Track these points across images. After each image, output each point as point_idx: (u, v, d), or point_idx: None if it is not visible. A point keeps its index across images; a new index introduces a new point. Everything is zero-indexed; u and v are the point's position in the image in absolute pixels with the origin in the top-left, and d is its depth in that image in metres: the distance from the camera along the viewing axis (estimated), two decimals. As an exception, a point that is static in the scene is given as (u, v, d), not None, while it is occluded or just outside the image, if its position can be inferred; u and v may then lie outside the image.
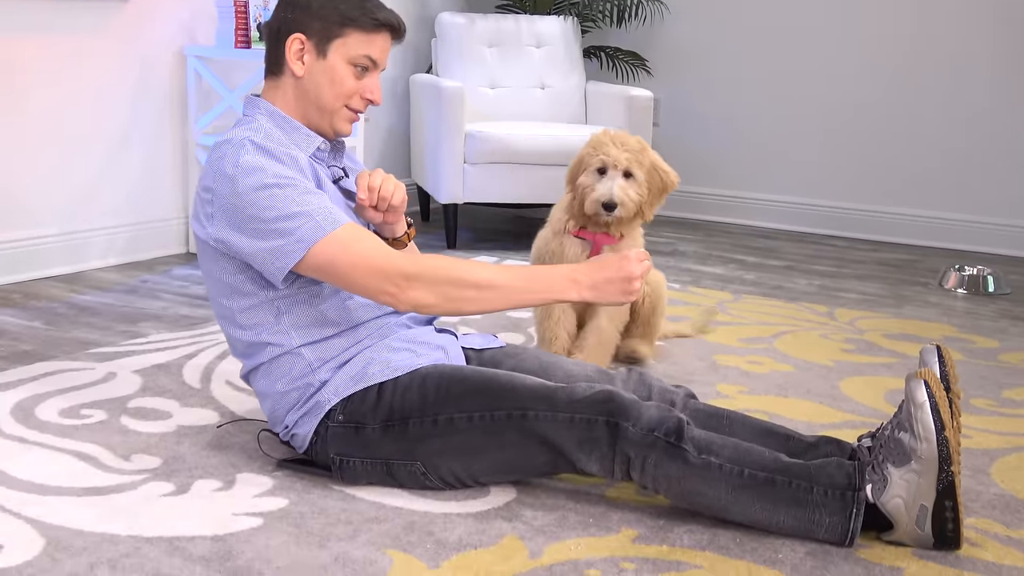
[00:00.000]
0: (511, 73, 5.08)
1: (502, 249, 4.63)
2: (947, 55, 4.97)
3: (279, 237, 1.98)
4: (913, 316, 3.75)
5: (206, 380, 2.76)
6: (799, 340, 3.36)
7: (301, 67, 2.11)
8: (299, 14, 2.10)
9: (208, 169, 2.07)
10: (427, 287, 1.97)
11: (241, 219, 2.00)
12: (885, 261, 4.72)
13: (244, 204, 1.99)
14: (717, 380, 2.95)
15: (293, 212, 1.98)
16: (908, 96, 5.09)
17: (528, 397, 2.04)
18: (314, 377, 2.11)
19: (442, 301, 1.97)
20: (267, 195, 1.98)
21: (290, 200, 1.99)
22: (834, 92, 5.23)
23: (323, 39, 2.10)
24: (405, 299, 1.97)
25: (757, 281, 4.22)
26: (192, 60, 4.16)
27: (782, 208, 5.41)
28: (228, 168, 2.01)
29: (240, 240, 2.01)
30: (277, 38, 2.13)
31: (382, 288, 1.98)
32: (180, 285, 3.78)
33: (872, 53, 5.13)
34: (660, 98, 5.50)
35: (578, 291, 1.99)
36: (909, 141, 5.11)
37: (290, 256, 1.99)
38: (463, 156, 4.53)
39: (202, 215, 2.07)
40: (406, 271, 1.97)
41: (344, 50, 2.11)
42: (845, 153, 5.25)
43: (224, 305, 2.13)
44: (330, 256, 1.98)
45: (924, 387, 1.92)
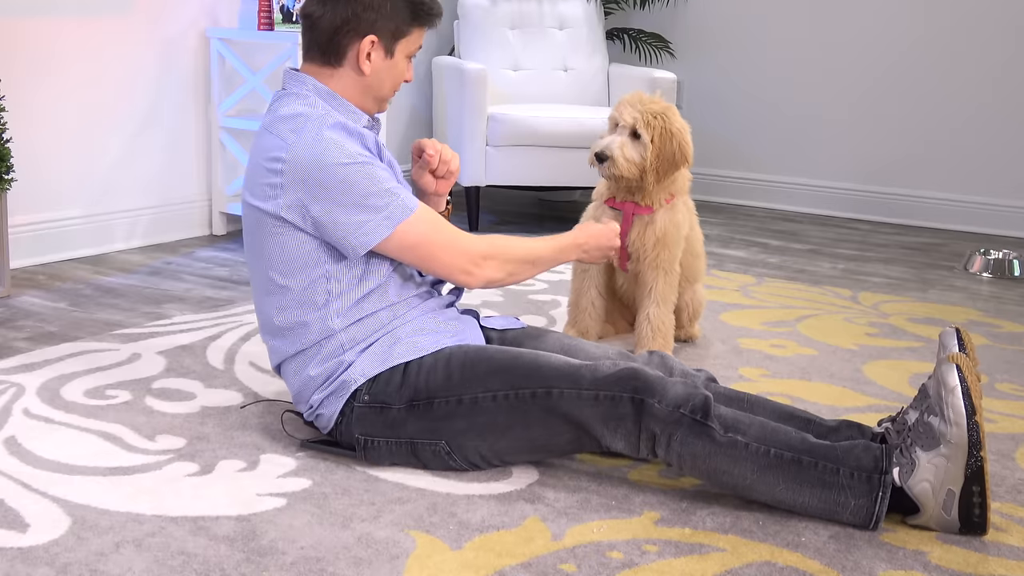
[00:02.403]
0: (534, 55, 5.05)
1: (525, 232, 4.61)
2: (973, 34, 4.92)
3: (367, 212, 2.03)
4: (938, 300, 3.71)
5: (230, 361, 2.76)
6: (823, 324, 3.34)
7: (369, 66, 2.13)
8: (371, 15, 2.10)
9: (275, 141, 2.07)
10: (498, 265, 2.14)
11: (326, 191, 2.02)
12: (909, 245, 4.68)
13: (329, 178, 2.02)
14: (740, 363, 2.93)
15: (381, 189, 2.05)
16: (934, 78, 5.03)
17: (553, 375, 2.04)
18: (343, 358, 2.11)
19: (506, 276, 2.17)
20: (354, 171, 2.03)
21: (376, 178, 2.04)
22: (859, 75, 5.18)
23: (393, 40, 2.14)
24: (481, 276, 2.13)
25: (780, 264, 4.19)
26: (215, 42, 4.16)
27: (806, 191, 5.37)
28: (307, 140, 2.03)
29: (323, 211, 2.04)
30: (339, 33, 2.10)
31: (464, 268, 2.11)
32: (204, 267, 3.79)
33: (898, 36, 5.08)
34: (683, 80, 5.46)
35: (578, 253, 2.30)
36: (935, 123, 5.06)
37: (377, 232, 2.05)
38: (486, 139, 4.51)
39: (267, 187, 2.07)
40: (485, 252, 2.13)
41: (406, 47, 2.17)
42: (870, 136, 5.21)
43: (277, 283, 2.12)
44: (418, 236, 2.07)
45: (956, 371, 1.90)
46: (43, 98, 3.71)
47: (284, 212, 2.06)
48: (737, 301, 3.56)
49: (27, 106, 3.66)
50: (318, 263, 2.08)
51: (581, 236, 2.30)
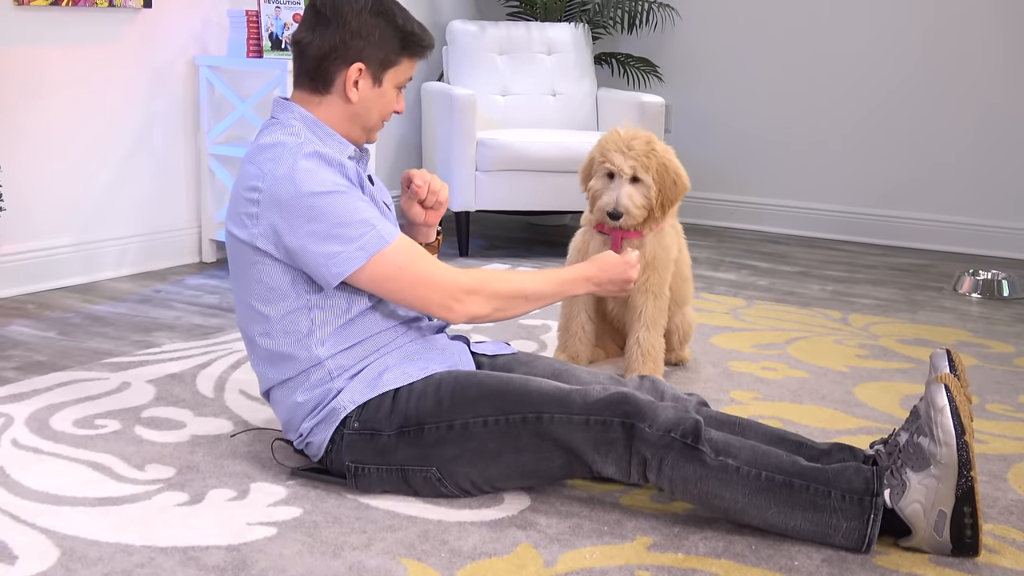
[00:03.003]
0: (522, 80, 5.07)
1: (514, 257, 4.62)
2: (960, 58, 4.95)
3: (340, 243, 2.01)
4: (927, 321, 3.72)
5: (220, 390, 2.75)
6: (813, 346, 3.35)
7: (356, 94, 2.12)
8: (359, 42, 2.09)
9: (254, 170, 2.07)
10: (484, 300, 2.10)
11: (299, 221, 2.01)
12: (898, 266, 4.70)
13: (303, 207, 2.01)
14: (731, 387, 2.93)
15: (355, 220, 2.02)
16: (920, 99, 5.06)
17: (543, 400, 2.04)
18: (331, 385, 2.11)
19: (494, 312, 2.12)
20: (328, 200, 2.01)
21: (351, 207, 2.02)
22: (846, 97, 5.21)
23: (381, 68, 2.13)
24: (462, 311, 2.09)
25: (770, 287, 4.20)
26: (204, 70, 4.17)
27: (794, 213, 5.39)
28: (283, 170, 2.03)
29: (295, 241, 2.02)
30: (327, 60, 2.10)
31: (443, 303, 2.07)
32: (193, 295, 3.78)
33: (883, 57, 5.11)
34: (672, 104, 5.49)
35: (587, 287, 2.24)
36: (921, 145, 5.09)
37: (350, 263, 2.02)
38: (475, 164, 4.53)
39: (244, 216, 2.07)
40: (467, 286, 2.08)
41: (395, 76, 2.16)
42: (857, 158, 5.23)
43: (258, 311, 2.12)
44: (393, 269, 2.03)
45: (944, 391, 1.91)
46: (32, 126, 3.72)
47: (259, 242, 2.06)
48: (727, 324, 3.56)
49: (15, 134, 3.67)
50: (298, 293, 2.08)
51: (592, 269, 2.25)
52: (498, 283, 2.12)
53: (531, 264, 4.45)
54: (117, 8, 3.88)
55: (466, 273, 2.11)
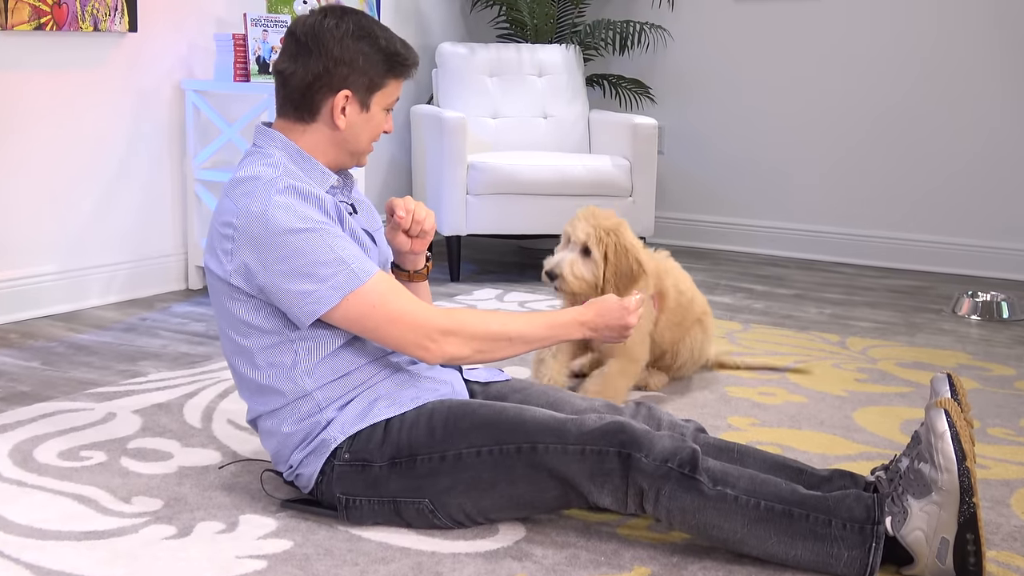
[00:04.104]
0: (513, 103, 5.09)
1: (506, 281, 4.63)
2: (959, 76, 4.99)
3: (312, 282, 1.99)
4: (926, 344, 3.73)
5: (207, 419, 2.75)
6: (811, 370, 3.35)
7: (344, 120, 2.11)
8: (343, 69, 2.09)
9: (229, 204, 2.06)
10: (462, 341, 2.07)
11: (272, 259, 2.00)
12: (896, 288, 4.71)
13: (276, 244, 1.99)
14: (729, 412, 2.93)
15: (328, 258, 2.00)
16: (916, 120, 5.09)
17: (537, 430, 2.03)
18: (321, 416, 2.10)
19: (474, 353, 2.09)
20: (302, 238, 1.99)
21: (325, 245, 2.00)
22: (841, 117, 5.24)
23: (368, 93, 2.12)
24: (439, 353, 2.06)
25: (766, 310, 4.21)
26: (190, 94, 4.18)
27: (790, 235, 5.41)
28: (256, 206, 2.01)
29: (268, 279, 2.01)
30: (312, 89, 2.10)
31: (418, 343, 2.05)
32: (179, 323, 3.78)
33: (879, 77, 5.15)
34: (664, 125, 5.52)
35: (583, 332, 2.19)
36: (918, 166, 5.12)
37: (323, 303, 2.00)
38: (466, 187, 4.54)
39: (220, 251, 2.07)
40: (443, 327, 2.05)
41: (383, 99, 2.15)
42: (853, 179, 5.26)
43: (239, 344, 2.12)
44: (367, 308, 2.02)
45: (944, 416, 1.91)
46: (14, 152, 3.72)
47: (233, 278, 2.05)
48: (724, 348, 3.56)
49: (-2, 162, 3.67)
50: (277, 329, 2.07)
51: (587, 314, 2.20)
52: (479, 324, 2.09)
53: (522, 290, 4.45)
54: (102, 32, 3.89)
55: (445, 313, 2.08)
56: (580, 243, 2.84)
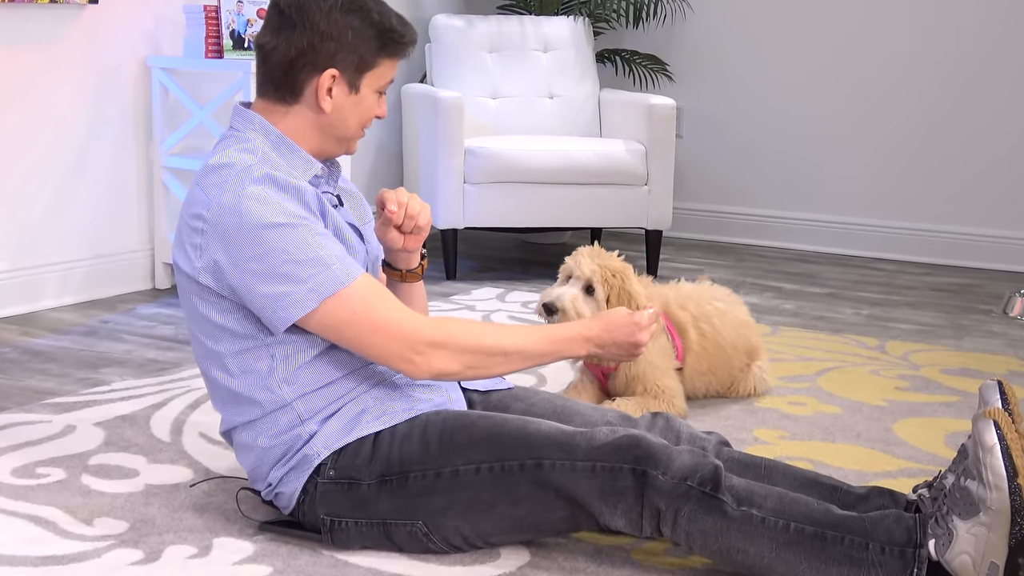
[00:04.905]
0: (515, 81, 5.10)
1: (507, 279, 4.63)
2: (1004, 54, 4.99)
3: (288, 283, 1.98)
4: (974, 348, 3.74)
5: (177, 432, 2.75)
6: (846, 377, 3.36)
7: (330, 103, 2.11)
8: (330, 45, 2.08)
9: (199, 194, 2.06)
10: (452, 355, 2.06)
11: (244, 256, 1.99)
12: (940, 286, 4.71)
13: (249, 240, 1.99)
14: (755, 424, 2.94)
15: (307, 257, 1.99)
16: (962, 101, 5.10)
17: (543, 444, 2.04)
18: (302, 429, 2.11)
19: (464, 369, 2.08)
20: (277, 234, 1.99)
21: (303, 243, 1.99)
22: (880, 98, 5.24)
23: (357, 73, 2.12)
24: (426, 367, 2.05)
25: (797, 311, 4.22)
26: (157, 72, 4.19)
27: (822, 228, 5.41)
28: (228, 197, 2.01)
29: (239, 279, 2.01)
30: (295, 67, 2.10)
31: (403, 355, 2.03)
32: (146, 326, 3.79)
33: (921, 52, 5.15)
34: (683, 106, 5.52)
35: (588, 348, 2.19)
36: (962, 151, 5.12)
37: (300, 306, 2.00)
38: (463, 175, 4.54)
39: (188, 246, 2.07)
40: (431, 338, 2.04)
41: (374, 80, 2.14)
42: (893, 166, 5.26)
43: (210, 348, 2.13)
44: (347, 313, 2.00)
45: (994, 428, 1.92)
46: (-37, 138, 3.73)
47: (201, 276, 2.05)
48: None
49: (-55, 147, 3.68)
50: (250, 332, 2.07)
51: (594, 328, 2.19)
52: (471, 336, 2.08)
53: (527, 289, 4.46)
54: (59, 5, 3.90)
55: (435, 323, 2.08)
56: (584, 280, 2.85)
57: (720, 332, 3.06)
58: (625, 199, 4.65)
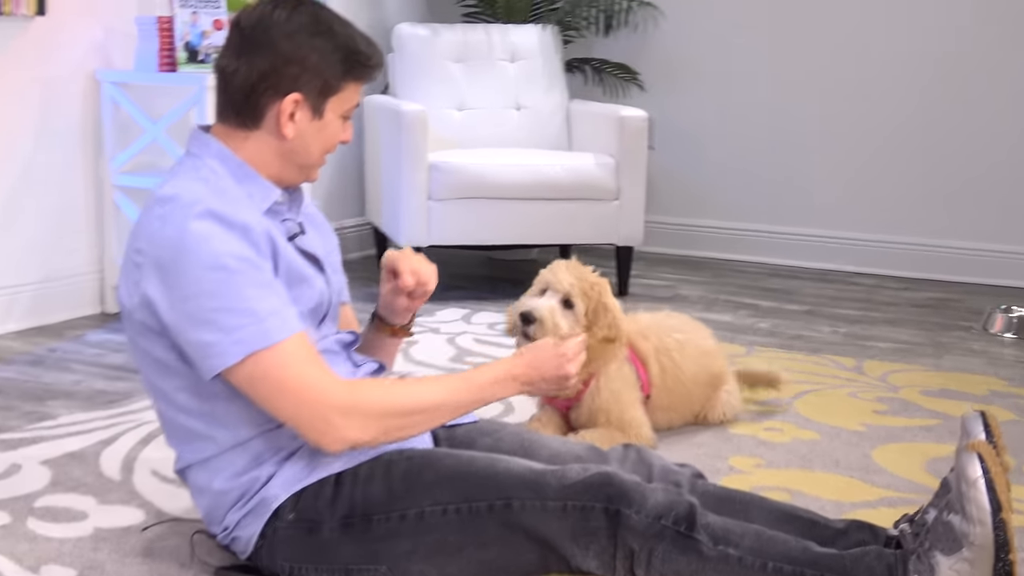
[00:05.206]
0: (482, 92, 5.10)
1: (475, 299, 4.62)
2: (983, 67, 5.03)
3: (217, 332, 1.95)
4: (955, 368, 3.76)
5: (128, 471, 2.73)
6: (824, 400, 3.37)
7: (292, 129, 2.09)
8: (293, 69, 2.06)
9: (143, 227, 2.04)
10: (366, 422, 1.99)
11: (177, 296, 1.97)
12: (919, 302, 4.74)
13: (184, 280, 1.96)
14: (730, 452, 2.94)
15: (240, 307, 1.95)
16: (941, 111, 5.13)
17: (512, 484, 2.03)
18: (260, 471, 2.08)
19: (382, 435, 2.02)
20: (215, 278, 1.95)
21: (239, 290, 1.95)
22: (857, 108, 5.27)
23: (321, 98, 2.09)
24: (337, 438, 1.98)
25: (773, 330, 4.23)
26: (108, 87, 4.16)
27: (799, 242, 5.44)
28: (170, 232, 1.98)
29: (171, 319, 1.99)
30: (256, 91, 2.08)
31: (312, 424, 1.97)
32: (95, 354, 3.75)
33: (899, 62, 5.18)
34: (654, 116, 5.52)
35: (516, 388, 2.15)
36: (942, 164, 5.15)
37: (224, 357, 1.95)
38: (427, 191, 4.53)
39: (129, 280, 2.05)
40: (343, 404, 1.97)
41: (338, 105, 2.12)
42: (870, 178, 5.29)
43: (158, 385, 2.10)
44: (264, 371, 1.95)
45: (978, 461, 1.92)
46: (-98, 158, 3.68)
47: (137, 312, 2.03)
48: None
49: None
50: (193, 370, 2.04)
51: (519, 366, 2.15)
52: (387, 399, 2.03)
53: (495, 308, 4.45)
54: (5, 16, 3.87)
55: (348, 389, 2.01)
56: (563, 293, 2.83)
57: (680, 367, 3.05)
58: (595, 214, 4.66)
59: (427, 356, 3.74)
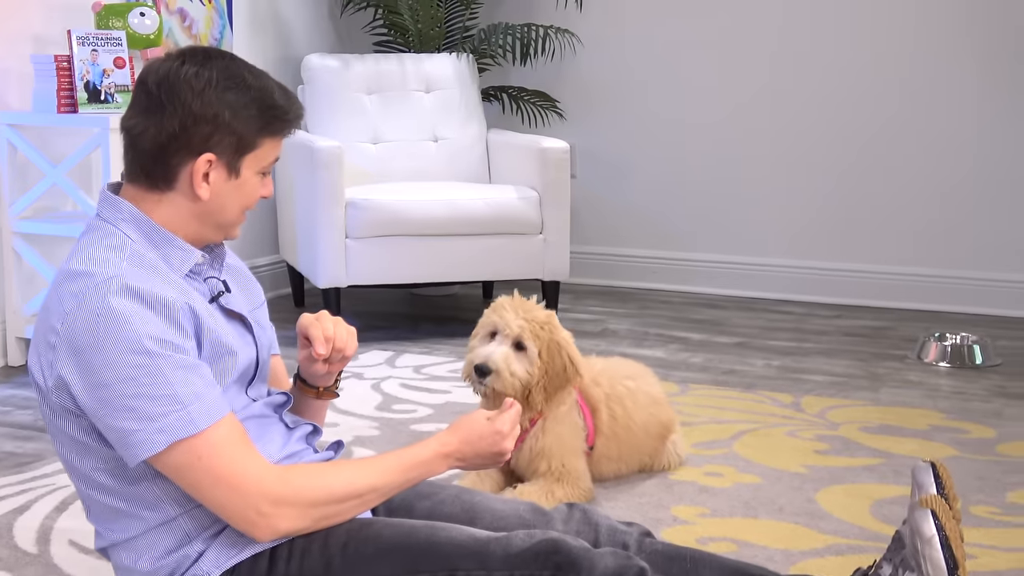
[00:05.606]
0: (397, 124, 5.09)
1: (396, 340, 4.60)
2: (919, 87, 5.13)
3: (138, 420, 1.90)
4: (892, 402, 3.81)
5: (44, 542, 2.66)
6: (762, 441, 3.40)
7: (207, 190, 2.04)
8: (205, 128, 2.01)
9: (55, 304, 1.98)
10: (300, 512, 1.97)
11: (96, 382, 1.92)
12: (852, 330, 4.81)
13: (102, 365, 1.91)
14: (672, 501, 2.95)
15: (161, 393, 1.90)
16: (867, 134, 5.22)
17: (456, 554, 2.00)
18: (189, 548, 2.04)
19: (315, 523, 1.99)
20: (135, 363, 1.90)
21: (161, 375, 1.91)
22: (781, 132, 5.35)
23: (237, 155, 2.04)
24: (268, 528, 1.95)
25: (705, 365, 4.26)
26: (4, 129, 4.07)
27: (727, 270, 5.49)
28: (85, 313, 1.93)
29: (89, 404, 1.94)
30: (166, 152, 2.03)
31: (243, 514, 1.94)
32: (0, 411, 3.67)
33: (825, 88, 5.27)
34: (575, 144, 5.56)
35: (448, 465, 2.14)
36: (870, 187, 5.24)
37: (147, 446, 1.91)
38: (344, 230, 4.50)
39: (42, 359, 2.00)
40: (276, 496, 1.94)
41: (255, 162, 2.07)
42: (796, 204, 5.36)
43: (76, 466, 2.05)
44: (192, 459, 1.91)
45: (931, 518, 1.95)
46: None
47: (53, 395, 1.98)
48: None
49: None
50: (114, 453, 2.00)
51: (452, 443, 2.13)
52: (321, 487, 2.01)
53: (417, 349, 4.43)
54: None
55: (281, 477, 1.98)
56: (513, 336, 2.83)
57: (631, 416, 3.06)
58: (519, 249, 4.66)
59: (352, 405, 3.71)
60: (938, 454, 3.28)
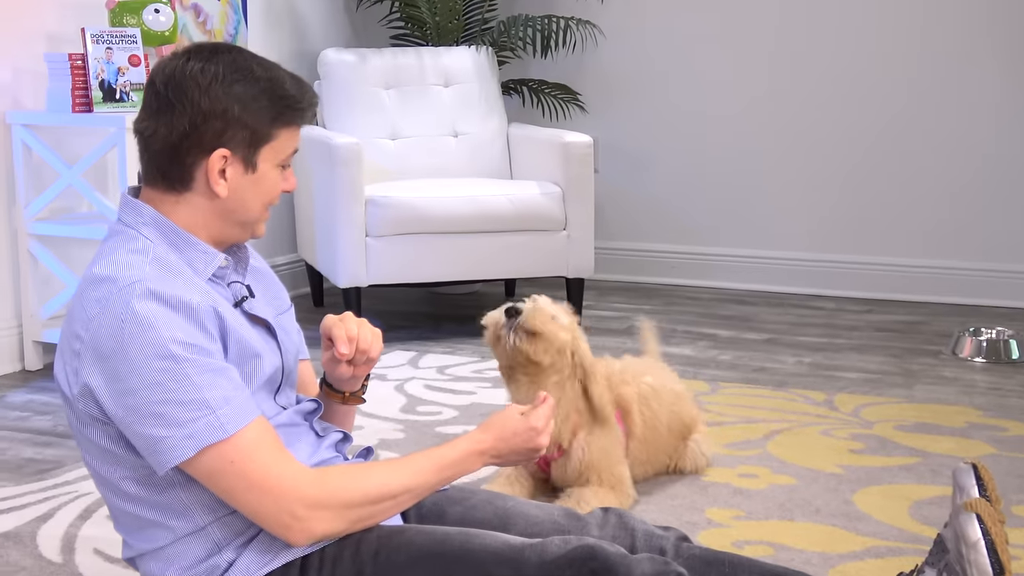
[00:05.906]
0: (416, 120, 5.10)
1: (419, 340, 4.61)
2: (947, 82, 5.11)
3: (165, 426, 1.91)
4: (927, 399, 3.81)
5: (69, 551, 2.68)
6: (796, 440, 3.40)
7: (225, 187, 2.05)
8: (216, 124, 2.01)
9: (79, 311, 1.99)
10: (335, 514, 1.98)
11: (121, 389, 1.93)
12: (884, 325, 4.80)
13: (128, 371, 1.92)
14: (706, 503, 2.96)
15: (189, 399, 1.91)
16: (901, 125, 5.21)
17: (490, 560, 2.01)
18: (219, 558, 2.05)
19: (351, 526, 2.01)
20: (161, 368, 1.91)
21: (188, 380, 1.91)
22: (814, 123, 5.34)
23: (252, 149, 2.05)
24: (305, 532, 1.96)
25: (735, 363, 4.26)
26: (18, 129, 4.09)
27: (756, 265, 5.49)
28: (109, 319, 1.94)
29: (117, 412, 1.95)
30: (179, 151, 2.04)
31: (278, 518, 1.95)
32: (18, 417, 3.69)
33: (858, 79, 5.26)
34: (598, 138, 5.55)
35: (483, 462, 2.15)
36: (905, 180, 5.23)
37: (176, 452, 1.92)
38: (364, 228, 4.51)
39: (67, 367, 2.01)
40: (311, 498, 1.95)
41: (273, 154, 2.08)
42: (827, 197, 5.35)
43: (104, 475, 2.06)
44: (224, 464, 1.92)
45: (976, 522, 1.95)
46: None
47: (80, 402, 2.00)
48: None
49: None
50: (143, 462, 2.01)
51: (487, 440, 2.14)
52: (356, 489, 2.01)
53: (440, 349, 4.44)
54: (-96, 60, 3.80)
55: (317, 480, 1.99)
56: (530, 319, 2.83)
57: (658, 416, 3.06)
58: (542, 246, 4.66)
59: (376, 407, 3.72)
60: (976, 452, 3.28)
